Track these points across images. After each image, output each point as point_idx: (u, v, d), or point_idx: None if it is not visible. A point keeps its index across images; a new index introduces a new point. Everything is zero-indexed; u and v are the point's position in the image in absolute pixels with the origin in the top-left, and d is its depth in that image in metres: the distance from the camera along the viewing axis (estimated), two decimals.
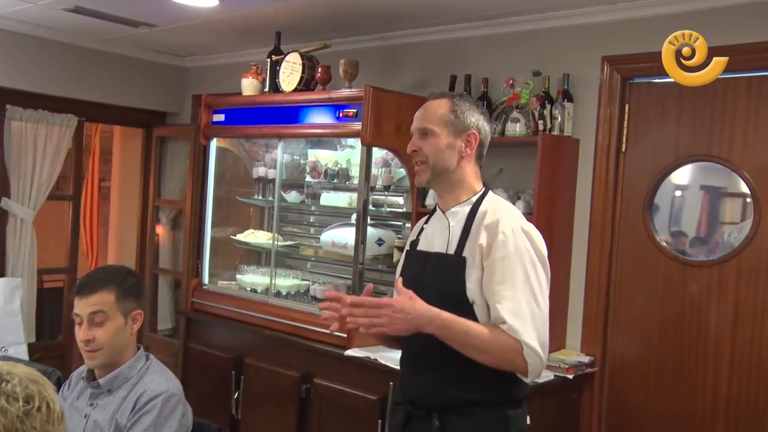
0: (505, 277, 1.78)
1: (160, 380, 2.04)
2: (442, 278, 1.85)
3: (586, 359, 3.15)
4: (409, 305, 1.73)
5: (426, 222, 2.03)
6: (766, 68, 2.82)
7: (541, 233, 3.07)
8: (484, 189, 1.95)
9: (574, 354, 3.19)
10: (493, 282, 1.79)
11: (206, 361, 3.89)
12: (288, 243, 4.13)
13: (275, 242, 4.00)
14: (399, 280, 1.82)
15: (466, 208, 1.90)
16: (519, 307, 1.76)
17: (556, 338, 3.26)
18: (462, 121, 1.90)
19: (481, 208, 1.89)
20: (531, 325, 1.76)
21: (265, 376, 3.59)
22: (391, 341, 2.04)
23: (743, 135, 2.88)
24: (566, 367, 3.03)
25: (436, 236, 1.94)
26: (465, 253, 1.84)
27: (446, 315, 1.75)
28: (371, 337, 1.99)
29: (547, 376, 2.99)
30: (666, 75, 3.01)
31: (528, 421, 1.93)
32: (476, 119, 1.92)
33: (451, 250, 1.87)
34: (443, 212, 1.95)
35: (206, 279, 4.17)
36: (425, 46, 3.83)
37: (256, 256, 4.40)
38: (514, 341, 1.75)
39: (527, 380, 1.82)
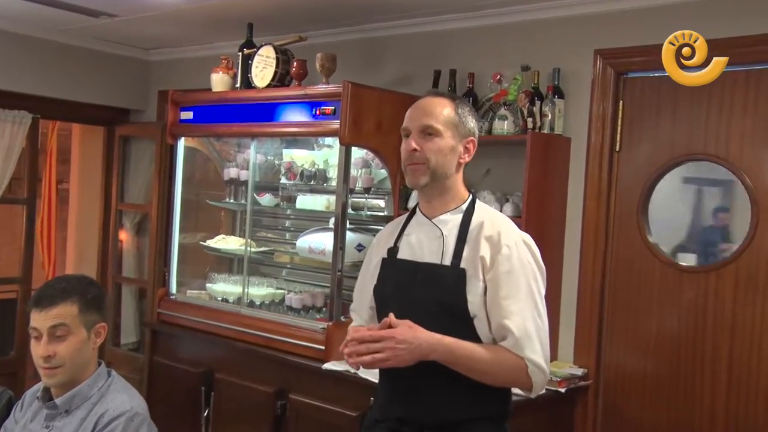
0: (510, 292, 1.82)
1: (122, 398, 2.03)
2: (439, 291, 1.85)
3: (579, 371, 3.17)
4: (410, 334, 1.75)
5: (404, 227, 2.01)
6: (764, 61, 2.86)
7: (531, 236, 3.14)
8: (471, 196, 1.97)
9: (566, 366, 3.21)
10: (499, 297, 1.82)
11: (174, 376, 3.88)
12: (262, 249, 4.12)
13: (248, 248, 3.99)
14: (391, 317, 1.80)
15: (458, 217, 1.91)
16: (525, 323, 1.80)
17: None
18: (464, 126, 1.92)
19: (475, 218, 1.91)
20: (537, 341, 1.81)
21: (237, 392, 3.58)
22: None
23: (741, 132, 2.93)
24: (558, 380, 3.04)
25: (426, 245, 1.92)
26: (463, 265, 1.85)
27: (449, 340, 1.78)
28: None
29: None
30: (661, 69, 3.06)
31: None
32: (474, 125, 1.96)
33: (447, 261, 1.87)
34: (429, 219, 1.94)
35: (174, 288, 4.16)
36: (407, 39, 3.84)
37: (228, 263, 4.39)
38: (517, 360, 1.79)
39: (531, 396, 1.87)
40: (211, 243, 4.19)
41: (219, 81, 3.92)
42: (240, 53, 3.83)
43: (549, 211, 3.26)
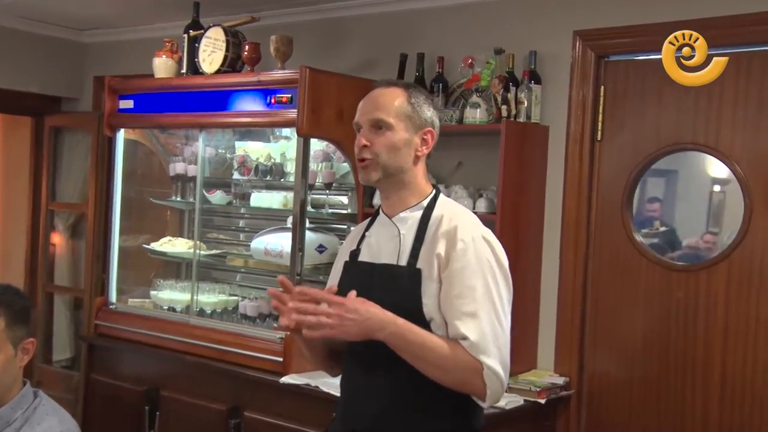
0: (465, 290, 1.82)
1: (51, 422, 1.98)
2: (394, 293, 1.87)
3: (560, 381, 3.19)
4: (362, 306, 1.78)
5: (367, 229, 2.04)
6: (755, 42, 2.90)
7: (507, 236, 3.16)
8: (434, 191, 1.98)
9: (546, 375, 3.23)
10: (451, 295, 1.83)
11: (114, 395, 3.83)
12: (212, 252, 4.10)
13: (197, 251, 3.96)
14: (332, 287, 1.84)
15: (417, 213, 1.93)
16: (480, 324, 1.80)
17: (526, 357, 3.30)
18: (419, 116, 1.93)
19: (435, 213, 1.92)
20: (493, 345, 1.80)
21: (185, 411, 3.54)
22: (329, 360, 2.06)
23: (732, 120, 2.97)
24: (538, 390, 3.05)
25: (383, 245, 1.95)
26: (420, 265, 1.87)
27: (402, 322, 1.80)
28: (307, 360, 1.99)
29: (515, 401, 3.01)
30: (646, 52, 3.13)
31: None
32: (431, 114, 1.97)
33: (403, 262, 1.89)
34: (389, 218, 1.97)
35: (113, 297, 4.12)
36: (371, 20, 3.83)
37: (175, 268, 4.37)
38: (474, 361, 1.79)
39: (484, 405, 1.86)
40: (156, 246, 4.16)
41: (162, 66, 3.89)
42: (185, 35, 3.80)
43: (526, 206, 3.27)
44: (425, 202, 1.95)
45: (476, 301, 1.81)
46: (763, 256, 2.89)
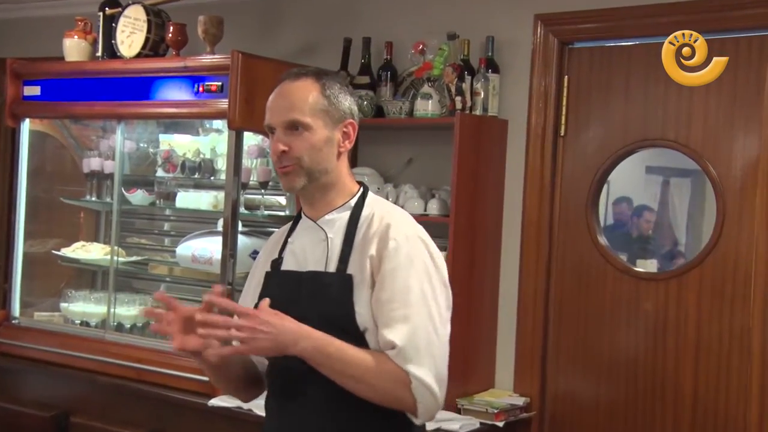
0: (396, 294, 1.82)
1: None
2: (324, 303, 1.87)
3: (520, 401, 3.20)
4: (276, 319, 1.77)
5: (289, 234, 2.03)
6: (728, 29, 2.95)
7: (461, 241, 3.17)
8: (362, 188, 1.99)
9: (505, 395, 3.24)
10: (382, 300, 1.83)
11: (16, 423, 3.75)
12: (133, 259, 4.08)
13: (115, 258, 3.93)
14: (265, 302, 1.81)
15: (345, 214, 1.94)
16: (410, 330, 1.80)
17: (483, 375, 3.31)
18: (337, 108, 1.92)
19: (365, 213, 1.93)
20: (425, 354, 1.80)
21: None
22: (240, 382, 2.03)
23: (703, 114, 3.01)
24: (495, 411, 3.06)
25: (309, 251, 1.95)
26: (350, 270, 1.87)
27: (320, 335, 1.80)
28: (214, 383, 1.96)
29: (470, 424, 3.02)
30: (614, 38, 3.16)
31: None
32: (350, 103, 1.96)
33: (332, 268, 1.89)
34: (314, 221, 1.97)
35: (16, 310, 4.06)
36: (311, 0, 3.81)
37: (89, 277, 4.33)
38: (401, 372, 1.79)
39: (417, 422, 1.86)
40: (68, 252, 4.12)
41: (74, 48, 3.85)
42: (101, 14, 3.77)
43: (482, 208, 3.28)
44: (353, 202, 1.95)
45: (408, 305, 1.81)
46: (737, 262, 2.94)
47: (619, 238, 3.28)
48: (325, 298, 1.87)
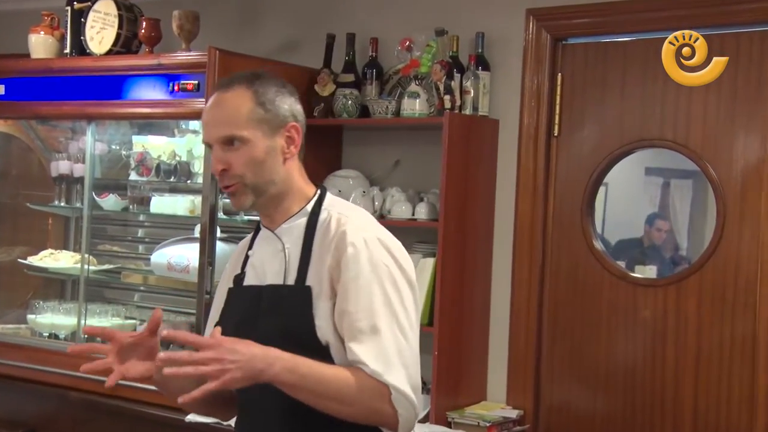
0: (360, 304, 1.79)
1: None
2: (283, 318, 1.84)
3: (513, 414, 3.21)
4: (241, 346, 1.72)
5: (250, 247, 2.01)
6: (728, 24, 2.97)
7: (451, 247, 3.17)
8: (319, 191, 1.95)
9: (497, 407, 3.24)
10: (346, 311, 1.79)
11: None
12: (105, 267, 4.08)
13: (86, 266, 3.92)
14: (216, 330, 1.76)
15: (302, 221, 1.91)
16: (380, 341, 1.77)
17: (474, 387, 3.32)
18: (276, 114, 1.88)
19: (322, 217, 1.90)
20: (398, 363, 1.78)
21: None
22: (213, 405, 1.99)
23: (703, 113, 3.03)
24: (488, 424, 3.07)
25: (268, 263, 1.92)
26: (309, 282, 1.84)
27: (289, 356, 1.75)
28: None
29: None
30: (609, 34, 3.18)
31: None
32: (290, 104, 1.92)
33: (291, 280, 1.87)
34: (271, 231, 1.94)
35: None
36: None
37: (59, 287, 4.33)
38: (379, 385, 1.76)
39: None
40: (35, 260, 4.12)
41: (41, 44, 3.85)
42: (69, 8, 3.75)
43: (473, 212, 3.29)
44: (309, 207, 1.92)
45: (374, 314, 1.78)
46: (738, 267, 2.96)
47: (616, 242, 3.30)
48: (284, 313, 1.84)
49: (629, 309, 3.14)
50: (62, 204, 4.13)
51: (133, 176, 3.92)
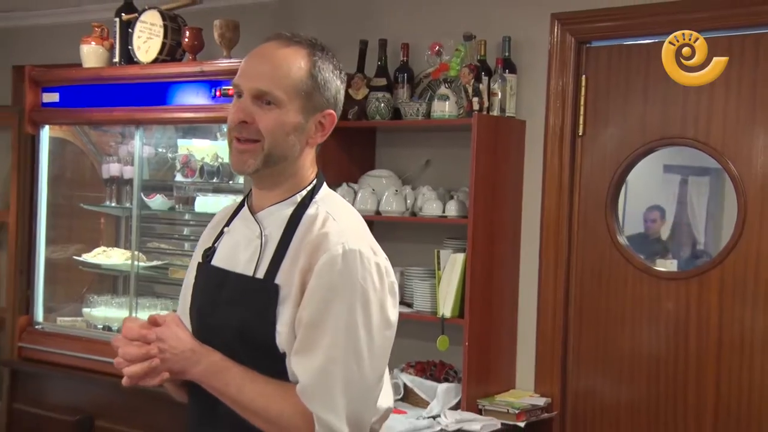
0: (317, 316, 1.55)
1: None
2: (242, 315, 1.62)
3: (541, 401, 3.21)
4: (172, 334, 1.62)
5: (228, 222, 1.77)
6: (749, 25, 2.94)
7: (480, 242, 3.18)
8: (315, 179, 1.71)
9: (526, 395, 3.25)
10: (302, 320, 1.56)
11: (41, 427, 3.82)
12: (153, 263, 4.10)
13: (136, 263, 3.95)
14: (171, 317, 1.66)
15: (287, 211, 1.66)
16: (325, 366, 1.53)
17: (503, 376, 3.32)
18: (321, 94, 1.65)
19: (309, 211, 1.65)
20: (339, 395, 1.54)
21: None
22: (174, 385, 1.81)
23: (723, 111, 3.00)
24: (516, 411, 3.07)
25: (242, 249, 1.68)
26: (279, 280, 1.60)
27: (219, 357, 1.61)
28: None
29: (492, 424, 3.03)
30: (630, 37, 3.16)
31: None
32: (336, 89, 1.68)
33: (261, 273, 1.62)
34: (253, 213, 1.70)
35: (40, 315, 4.10)
36: (325, 3, 3.83)
37: (111, 282, 4.36)
38: (304, 411, 1.54)
39: None
40: (89, 257, 4.16)
41: (92, 54, 3.87)
42: (117, 20, 3.78)
43: (501, 209, 3.29)
44: (299, 196, 1.67)
45: (328, 333, 1.53)
46: (759, 261, 2.94)
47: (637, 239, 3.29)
48: (245, 309, 1.62)
49: (653, 301, 3.13)
50: (113, 204, 4.18)
51: (179, 177, 3.97)
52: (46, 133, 4.10)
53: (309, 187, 1.69)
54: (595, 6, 3.18)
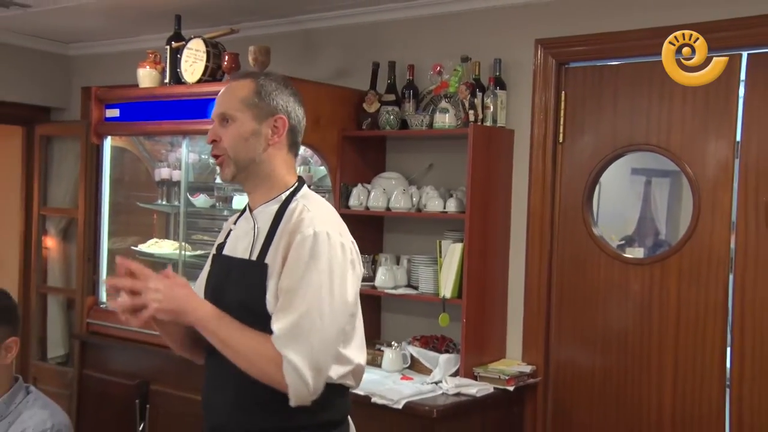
0: (293, 284, 1.71)
1: (42, 416, 2.02)
2: (243, 290, 1.79)
3: (527, 369, 3.25)
4: (164, 283, 1.70)
5: (235, 222, 1.97)
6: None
7: (476, 233, 3.22)
8: (297, 183, 1.88)
9: (514, 364, 3.30)
10: (281, 288, 1.73)
11: (106, 390, 3.86)
12: (197, 253, 4.12)
13: (183, 252, 3.98)
14: (167, 269, 1.77)
15: (274, 207, 1.84)
16: (295, 319, 1.69)
17: (496, 348, 3.37)
18: (268, 104, 1.82)
19: (291, 206, 1.82)
20: (303, 342, 1.67)
21: (174, 404, 3.58)
22: (188, 347, 1.95)
23: (681, 120, 3.04)
24: (507, 378, 3.11)
25: (241, 239, 1.87)
26: (268, 260, 1.78)
27: (210, 308, 1.73)
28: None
29: (485, 389, 3.08)
30: (602, 58, 3.20)
31: None
32: (285, 101, 1.85)
33: (254, 256, 1.81)
34: (251, 211, 1.89)
35: (104, 296, 4.12)
36: (344, 30, 3.87)
37: (162, 268, 4.16)
38: (274, 353, 1.68)
39: (291, 404, 1.70)
40: (144, 247, 4.18)
41: (146, 76, 3.89)
42: (168, 47, 3.80)
43: (493, 205, 3.33)
44: (284, 195, 1.84)
45: (298, 296, 1.70)
46: (711, 249, 2.98)
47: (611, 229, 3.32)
48: (245, 285, 1.79)
49: (622, 284, 3.17)
50: (164, 203, 4.19)
51: (218, 180, 3.96)
52: (108, 143, 4.12)
53: (291, 189, 1.86)
54: (573, 33, 3.23)
